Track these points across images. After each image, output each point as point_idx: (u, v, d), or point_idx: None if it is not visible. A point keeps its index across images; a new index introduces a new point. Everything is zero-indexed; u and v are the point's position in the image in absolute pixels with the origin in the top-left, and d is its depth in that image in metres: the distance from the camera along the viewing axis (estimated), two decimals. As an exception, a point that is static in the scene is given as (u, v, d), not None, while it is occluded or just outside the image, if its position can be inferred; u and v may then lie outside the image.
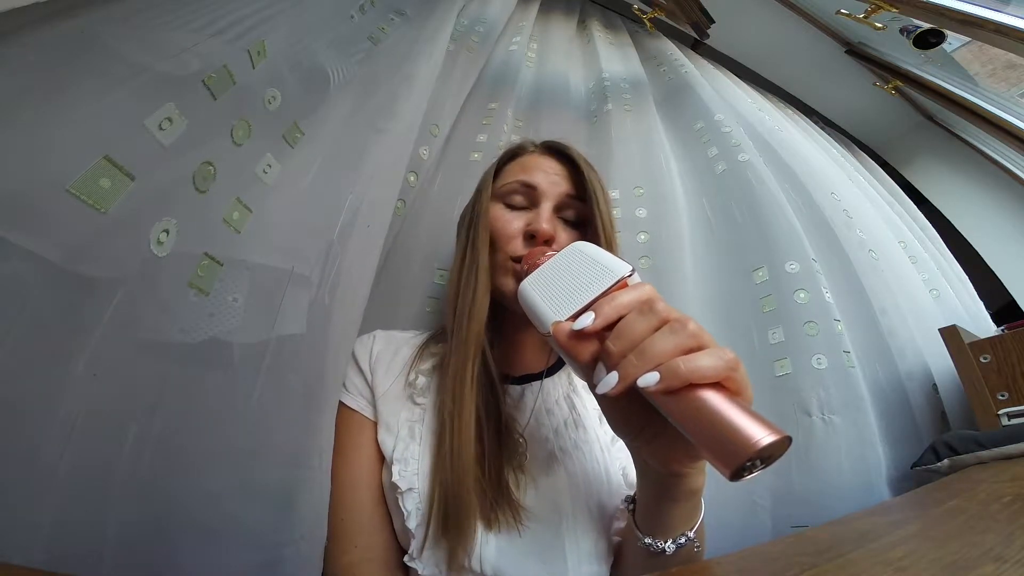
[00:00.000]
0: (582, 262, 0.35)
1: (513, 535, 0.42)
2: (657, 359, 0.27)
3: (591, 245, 0.36)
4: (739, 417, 0.24)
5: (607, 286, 0.31)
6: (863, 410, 0.73)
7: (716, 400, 0.25)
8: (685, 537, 0.36)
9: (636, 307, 0.29)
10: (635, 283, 0.32)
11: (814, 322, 0.78)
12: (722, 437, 0.24)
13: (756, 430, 0.23)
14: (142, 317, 0.34)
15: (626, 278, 0.32)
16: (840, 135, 1.87)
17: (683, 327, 0.27)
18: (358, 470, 0.47)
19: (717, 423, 0.24)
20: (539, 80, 1.13)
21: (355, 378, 0.52)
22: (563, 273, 0.35)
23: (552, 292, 0.34)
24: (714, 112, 1.11)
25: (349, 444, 0.48)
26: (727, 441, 0.24)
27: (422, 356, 0.54)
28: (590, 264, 0.34)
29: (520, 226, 0.53)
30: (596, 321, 0.29)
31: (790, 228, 0.89)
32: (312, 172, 0.53)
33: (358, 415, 0.50)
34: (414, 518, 0.42)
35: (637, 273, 0.33)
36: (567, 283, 0.34)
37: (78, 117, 0.31)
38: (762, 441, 0.23)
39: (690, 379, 0.26)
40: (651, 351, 0.27)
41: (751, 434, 0.23)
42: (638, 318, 0.29)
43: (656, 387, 0.26)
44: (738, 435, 0.23)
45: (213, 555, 0.36)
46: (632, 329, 0.28)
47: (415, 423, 0.47)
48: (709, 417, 0.25)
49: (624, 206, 0.93)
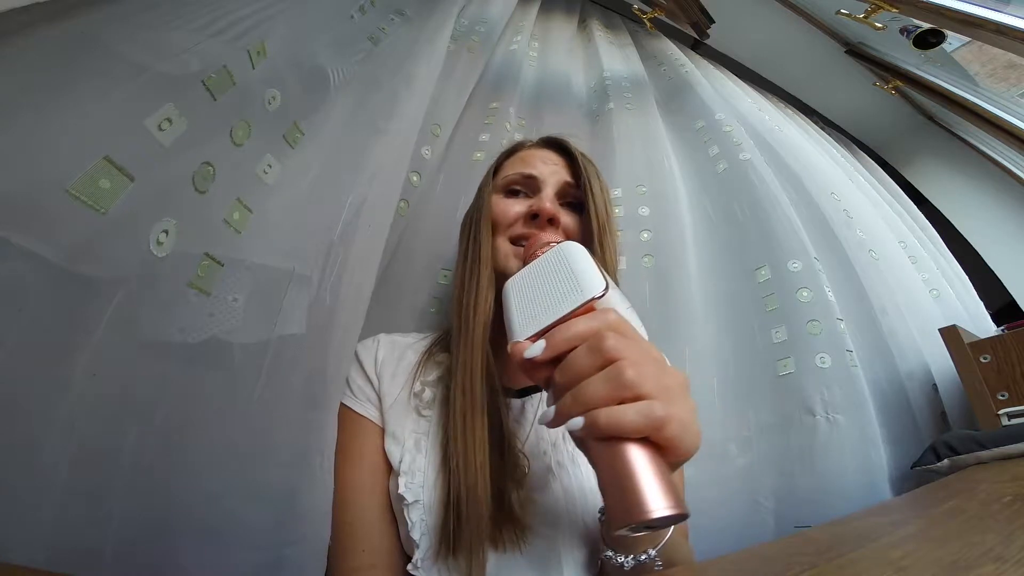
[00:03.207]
0: (561, 271, 0.33)
1: (514, 551, 0.42)
2: (586, 405, 0.27)
3: (578, 250, 0.34)
4: (644, 481, 0.24)
5: (571, 308, 0.30)
6: (866, 410, 0.73)
7: (631, 456, 0.25)
8: (646, 555, 0.35)
9: (586, 341, 0.28)
10: (602, 307, 0.30)
11: (817, 321, 0.78)
12: (621, 495, 0.24)
13: (654, 500, 0.23)
14: (142, 317, 0.34)
15: (596, 299, 0.30)
16: (840, 135, 1.87)
17: (620, 374, 0.26)
18: (365, 475, 0.47)
19: (621, 479, 0.24)
20: (541, 79, 1.13)
21: (361, 383, 0.52)
22: (542, 279, 0.34)
23: (527, 300, 0.33)
24: (715, 111, 1.12)
25: (356, 448, 0.48)
26: (624, 501, 0.24)
27: (427, 365, 0.53)
28: (566, 276, 0.32)
29: (521, 210, 0.54)
30: (544, 353, 0.29)
31: (792, 227, 0.89)
32: (312, 172, 0.53)
33: (365, 420, 0.50)
34: (418, 529, 0.42)
35: (613, 290, 0.31)
36: (542, 292, 0.33)
37: (78, 117, 0.31)
38: (654, 513, 0.23)
39: (607, 433, 0.26)
40: (582, 395, 0.27)
41: (646, 503, 0.23)
42: (584, 355, 0.28)
43: (578, 433, 0.26)
44: (635, 499, 0.24)
45: (214, 555, 0.36)
46: (574, 366, 0.28)
47: (421, 436, 0.47)
48: (617, 471, 0.25)
49: (627, 204, 0.93)
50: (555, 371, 0.29)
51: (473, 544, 0.40)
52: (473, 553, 0.40)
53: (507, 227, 0.54)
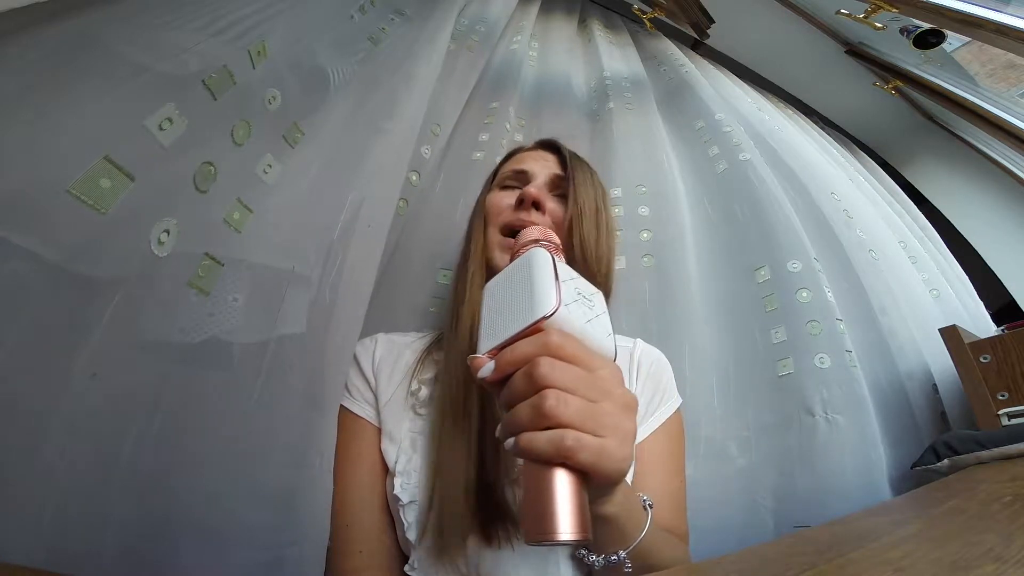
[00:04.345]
0: (524, 281, 0.33)
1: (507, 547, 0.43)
2: (514, 428, 0.29)
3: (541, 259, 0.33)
4: (552, 503, 0.26)
5: (521, 327, 0.30)
6: (865, 410, 0.73)
7: (552, 479, 0.27)
8: (616, 556, 0.36)
9: (524, 366, 0.29)
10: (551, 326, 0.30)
11: (816, 321, 0.78)
12: (531, 512, 0.27)
13: (559, 522, 0.26)
14: (142, 317, 0.34)
15: (545, 318, 0.30)
16: (840, 135, 1.87)
17: (541, 403, 0.27)
18: (363, 476, 0.47)
19: (532, 498, 0.27)
20: (541, 79, 1.13)
21: (358, 383, 0.52)
22: (510, 286, 0.34)
23: (494, 308, 0.34)
24: (714, 111, 1.12)
25: (353, 449, 0.48)
26: (533, 518, 0.27)
27: (424, 363, 0.53)
28: (526, 289, 0.32)
29: (511, 201, 0.55)
30: (492, 375, 0.30)
31: (791, 227, 0.89)
32: (312, 172, 0.53)
33: (362, 420, 0.50)
34: (414, 530, 0.43)
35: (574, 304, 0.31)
36: (506, 302, 0.33)
37: (78, 117, 0.31)
38: (555, 535, 0.25)
39: (525, 457, 0.28)
40: (511, 419, 0.29)
41: (550, 524, 0.26)
42: (520, 379, 0.29)
43: (512, 451, 0.29)
44: (541, 519, 0.26)
45: (214, 555, 0.36)
46: (512, 390, 0.29)
47: (417, 435, 0.47)
48: (531, 491, 0.28)
49: (627, 204, 0.93)
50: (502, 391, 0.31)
51: (462, 537, 0.41)
52: (465, 546, 0.41)
53: (497, 216, 0.55)
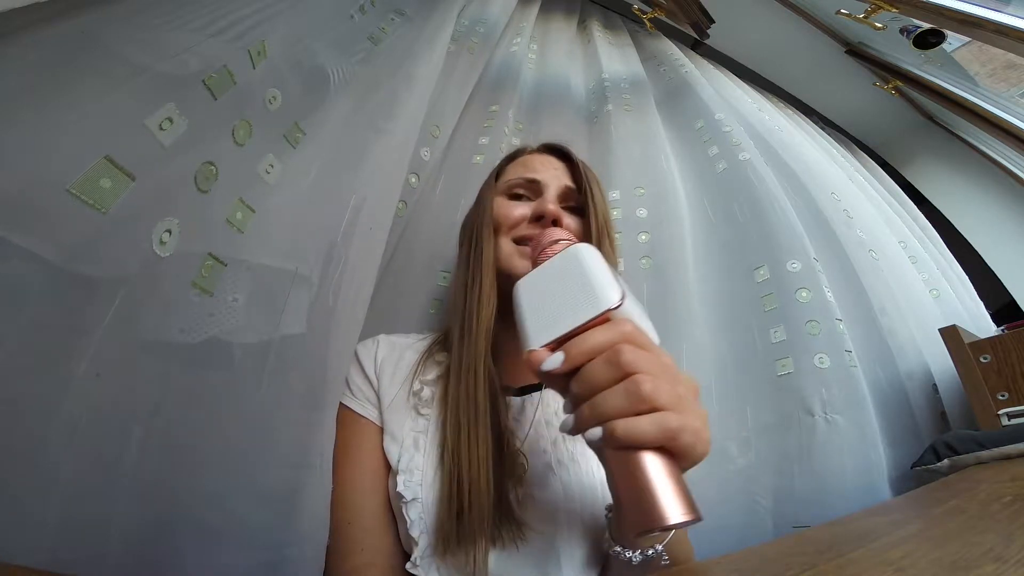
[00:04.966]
0: (575, 275, 0.32)
1: (512, 548, 0.43)
2: (604, 416, 0.27)
3: (592, 254, 0.34)
4: (661, 489, 0.25)
5: (588, 318, 0.30)
6: (865, 410, 0.73)
7: (647, 464, 0.26)
8: (653, 550, 0.36)
9: (604, 354, 0.29)
10: (618, 317, 0.30)
11: (816, 321, 0.78)
12: (639, 502, 0.25)
13: (672, 507, 0.25)
14: (144, 317, 0.34)
15: (611, 310, 0.30)
16: (840, 135, 1.87)
17: (637, 388, 0.27)
18: (364, 474, 0.47)
19: (638, 488, 0.26)
20: (540, 81, 1.13)
21: (360, 383, 0.52)
22: (555, 282, 0.33)
23: (539, 303, 0.33)
24: (714, 111, 1.11)
25: (354, 448, 0.48)
26: (641, 507, 0.25)
27: (426, 364, 0.53)
28: (581, 283, 0.32)
29: (524, 212, 0.55)
30: (563, 365, 0.29)
31: (791, 227, 0.89)
32: (314, 172, 0.53)
33: (364, 419, 0.50)
34: (417, 527, 0.43)
35: (628, 298, 0.31)
36: (555, 297, 0.32)
37: (78, 117, 0.31)
38: (670, 520, 0.24)
39: (625, 443, 0.27)
40: (600, 407, 0.28)
41: (663, 510, 0.25)
42: (601, 367, 0.28)
43: (597, 443, 0.27)
44: (652, 506, 0.25)
45: (216, 555, 0.36)
46: (592, 378, 0.29)
47: (419, 434, 0.48)
48: (634, 480, 0.26)
49: (625, 206, 0.93)
50: (572, 381, 0.30)
51: (476, 537, 0.40)
52: (476, 546, 0.40)
53: (510, 228, 0.55)
